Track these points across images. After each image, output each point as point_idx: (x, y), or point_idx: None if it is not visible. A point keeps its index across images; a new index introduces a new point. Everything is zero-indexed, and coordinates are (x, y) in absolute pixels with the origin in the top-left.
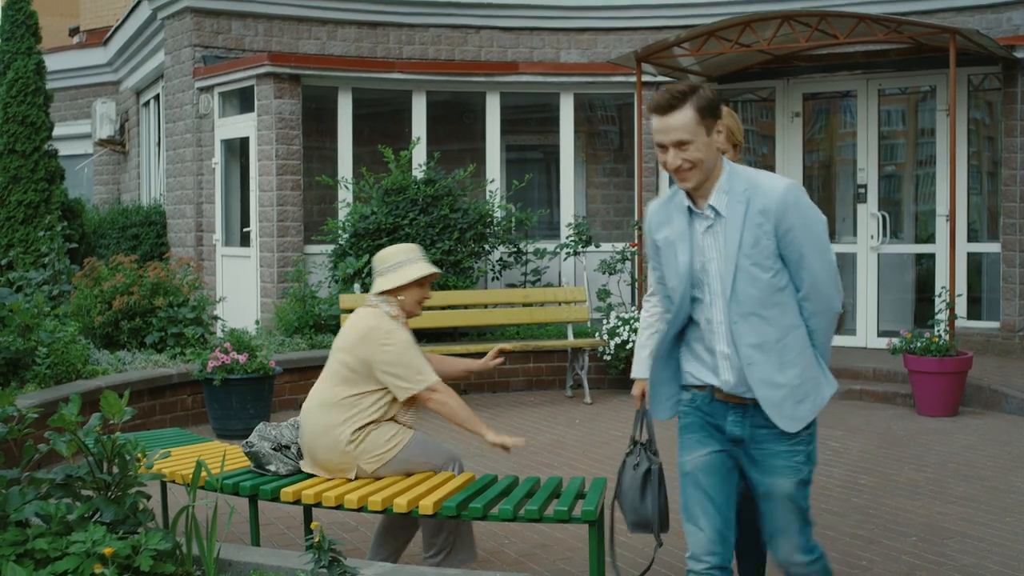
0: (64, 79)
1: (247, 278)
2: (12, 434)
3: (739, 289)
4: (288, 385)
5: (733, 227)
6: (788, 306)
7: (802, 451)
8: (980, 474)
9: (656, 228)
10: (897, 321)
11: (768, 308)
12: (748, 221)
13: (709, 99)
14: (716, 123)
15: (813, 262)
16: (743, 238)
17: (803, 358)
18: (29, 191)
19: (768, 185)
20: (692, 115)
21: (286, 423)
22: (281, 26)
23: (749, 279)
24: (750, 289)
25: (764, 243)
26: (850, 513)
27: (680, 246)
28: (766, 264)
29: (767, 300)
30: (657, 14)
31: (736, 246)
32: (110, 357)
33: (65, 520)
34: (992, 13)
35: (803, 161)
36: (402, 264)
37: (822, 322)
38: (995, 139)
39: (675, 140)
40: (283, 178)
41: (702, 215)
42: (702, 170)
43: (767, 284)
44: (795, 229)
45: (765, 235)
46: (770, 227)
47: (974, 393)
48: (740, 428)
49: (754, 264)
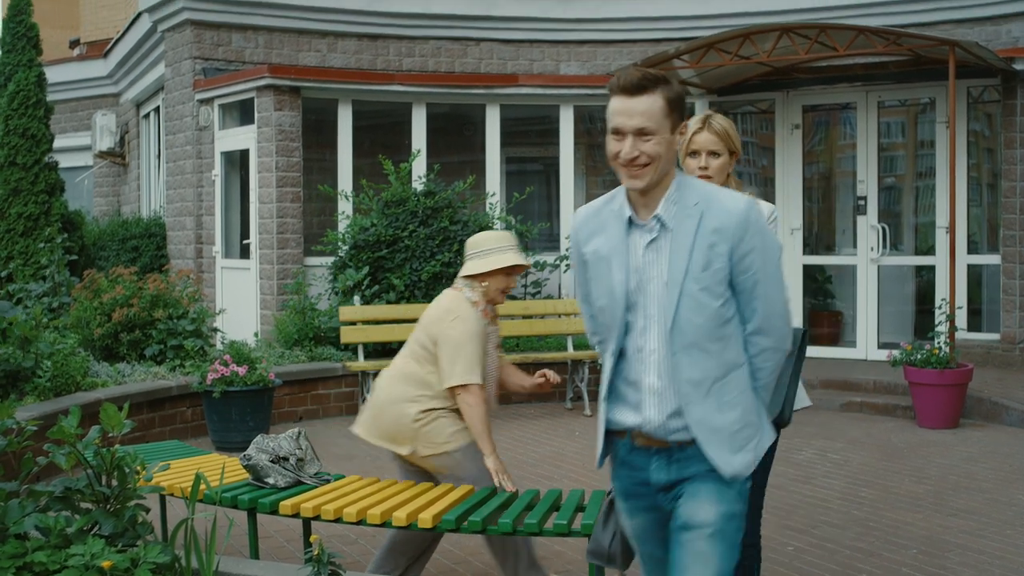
0: (64, 91)
1: (247, 290)
2: (11, 446)
3: (682, 317)
4: (288, 397)
5: (681, 245)
6: (733, 340)
7: (736, 486)
8: (981, 486)
9: (586, 238)
10: (897, 333)
11: (712, 341)
12: (699, 239)
13: (680, 95)
14: (682, 124)
15: (770, 291)
16: (692, 258)
17: (744, 399)
18: (29, 203)
19: (726, 201)
20: (662, 104)
21: (284, 435)
22: (281, 38)
23: (695, 306)
24: (695, 318)
25: (716, 266)
26: (850, 525)
27: (615, 261)
28: (716, 291)
29: (712, 332)
30: (657, 26)
31: (683, 267)
32: (109, 369)
33: (64, 533)
34: (991, 25)
35: (803, 173)
36: (491, 252)
37: (771, 361)
38: (995, 151)
39: (637, 127)
40: (283, 190)
41: (644, 227)
42: (657, 170)
43: (714, 313)
44: (754, 252)
45: (718, 257)
46: (725, 248)
47: (974, 405)
48: (666, 473)
49: (703, 289)
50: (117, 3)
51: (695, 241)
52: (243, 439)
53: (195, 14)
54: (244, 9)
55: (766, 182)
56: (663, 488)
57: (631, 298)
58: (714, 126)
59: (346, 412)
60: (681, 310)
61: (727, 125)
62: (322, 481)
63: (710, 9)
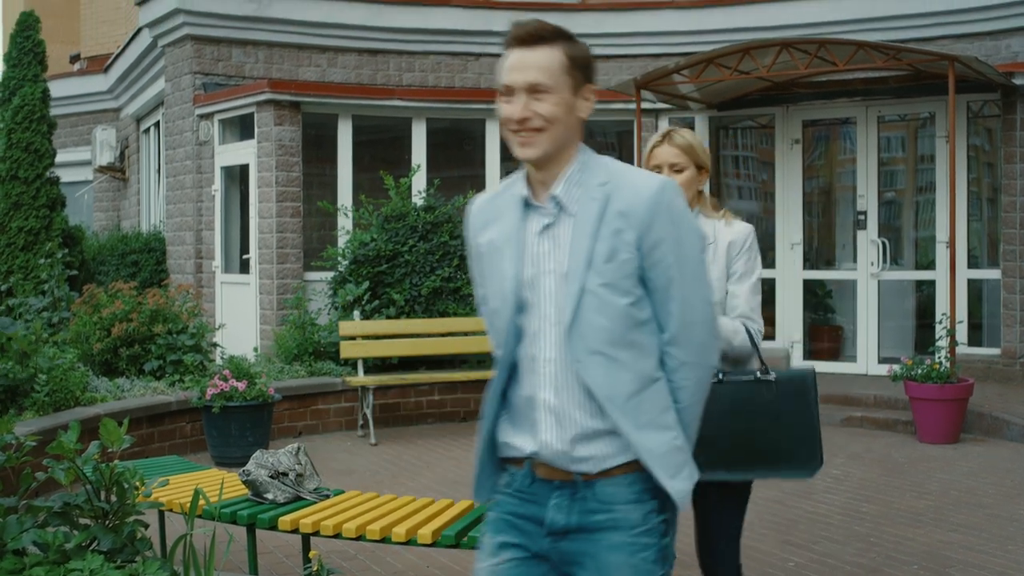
0: (65, 106)
1: (246, 305)
2: (10, 462)
3: (583, 317)
4: (287, 412)
5: (582, 231)
6: (648, 349)
7: (653, 546)
8: (982, 502)
9: (480, 228)
10: (898, 348)
11: (621, 347)
12: (604, 225)
13: (586, 54)
14: (587, 88)
15: (686, 293)
16: (595, 248)
17: (666, 420)
18: (30, 218)
19: (636, 180)
20: (561, 58)
21: (284, 450)
22: (281, 53)
23: (598, 305)
24: (598, 318)
25: (623, 257)
26: (851, 541)
27: (507, 251)
28: (623, 286)
29: (620, 336)
30: (656, 41)
31: (585, 258)
32: (109, 384)
33: (63, 549)
34: (991, 40)
35: (803, 188)
36: None
37: (691, 380)
38: (995, 165)
39: (530, 82)
40: (283, 205)
41: (540, 210)
42: (553, 137)
43: (622, 314)
44: (665, 243)
45: (625, 246)
46: (632, 237)
47: (975, 420)
48: (566, 514)
49: (606, 285)
50: (118, 18)
51: (599, 227)
52: (243, 454)
53: (195, 29)
54: (244, 24)
55: (766, 197)
56: (556, 532)
57: (522, 295)
58: (675, 139)
59: (346, 427)
60: (582, 310)
61: (691, 139)
62: (321, 496)
63: (710, 24)
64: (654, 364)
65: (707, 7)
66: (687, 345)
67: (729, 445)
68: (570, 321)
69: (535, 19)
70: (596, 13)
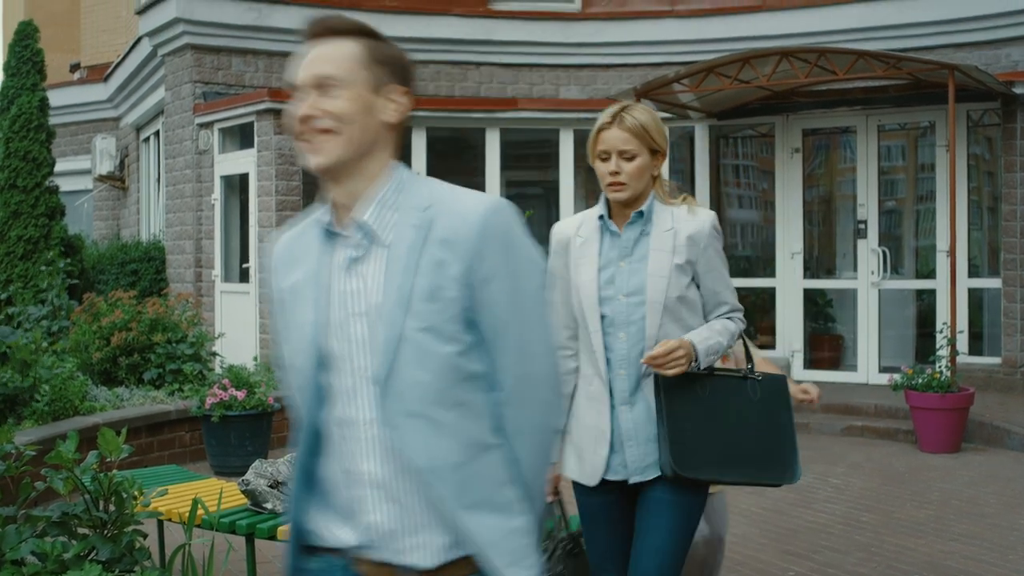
0: (64, 115)
1: (246, 314)
2: (9, 471)
3: (401, 370)
4: (287, 422)
5: (398, 264)
6: (477, 409)
7: None
8: (983, 511)
9: (284, 271)
10: (898, 357)
11: (444, 407)
12: (425, 257)
13: (394, 53)
14: (394, 88)
15: (525, 340)
16: (414, 284)
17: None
18: (29, 227)
19: (463, 202)
20: (357, 51)
21: (283, 459)
22: (281, 62)
23: (418, 354)
24: (418, 372)
25: (447, 295)
26: (852, 551)
27: (308, 293)
28: (447, 331)
29: (443, 394)
30: (656, 50)
31: (402, 297)
32: (108, 393)
33: (61, 559)
34: (991, 49)
35: (803, 197)
36: None
37: (530, 446)
38: (995, 174)
39: (316, 75)
40: (283, 214)
41: (346, 239)
42: (347, 141)
43: (445, 365)
44: (497, 279)
45: (449, 283)
46: (457, 270)
47: (976, 429)
48: None
49: (427, 329)
50: (117, 27)
51: (419, 260)
52: (242, 464)
53: (195, 38)
54: (244, 33)
55: (766, 206)
56: None
57: (325, 346)
58: (626, 120)
59: None
60: (400, 360)
61: (646, 118)
62: None
63: (710, 33)
64: (486, 428)
65: (707, 16)
66: (524, 405)
67: (721, 445)
68: (385, 374)
69: (335, 13)
70: (596, 22)
